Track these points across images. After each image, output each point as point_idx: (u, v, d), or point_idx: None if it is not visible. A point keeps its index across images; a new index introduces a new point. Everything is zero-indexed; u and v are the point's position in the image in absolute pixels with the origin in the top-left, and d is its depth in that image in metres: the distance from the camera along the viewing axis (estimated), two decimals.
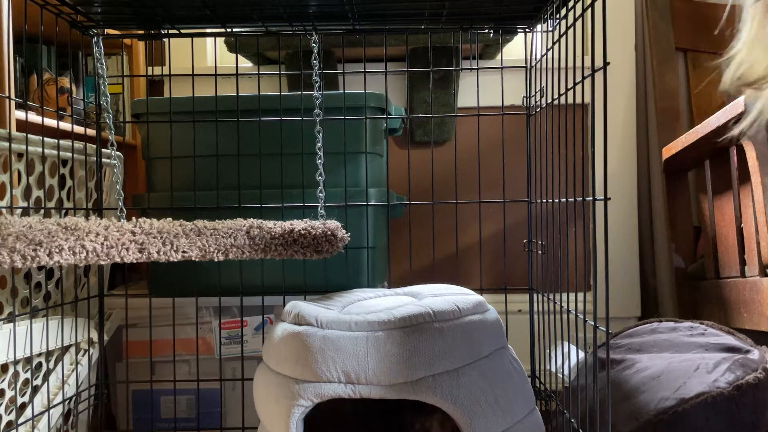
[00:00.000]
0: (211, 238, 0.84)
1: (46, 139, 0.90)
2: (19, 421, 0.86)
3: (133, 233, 0.80)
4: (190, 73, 1.03)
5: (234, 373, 1.06)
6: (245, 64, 1.58)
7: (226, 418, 1.06)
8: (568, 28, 0.85)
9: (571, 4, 0.86)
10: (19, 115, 1.02)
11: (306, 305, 0.80)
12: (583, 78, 0.77)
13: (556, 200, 0.91)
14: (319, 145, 0.96)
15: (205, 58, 1.62)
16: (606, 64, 0.68)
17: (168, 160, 1.06)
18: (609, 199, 0.69)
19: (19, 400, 0.88)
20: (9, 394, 0.86)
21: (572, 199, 0.83)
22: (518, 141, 1.26)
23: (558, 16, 0.91)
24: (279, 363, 0.74)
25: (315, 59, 0.96)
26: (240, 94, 1.04)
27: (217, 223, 0.86)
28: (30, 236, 0.70)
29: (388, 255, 1.26)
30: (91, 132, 1.08)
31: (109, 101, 1.00)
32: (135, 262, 0.80)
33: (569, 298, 0.85)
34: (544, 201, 0.99)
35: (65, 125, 1.09)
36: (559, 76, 0.90)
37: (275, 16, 0.96)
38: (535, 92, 1.06)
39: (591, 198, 0.73)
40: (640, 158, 1.55)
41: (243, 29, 1.04)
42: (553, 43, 0.94)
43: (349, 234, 0.94)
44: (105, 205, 1.07)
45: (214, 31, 1.03)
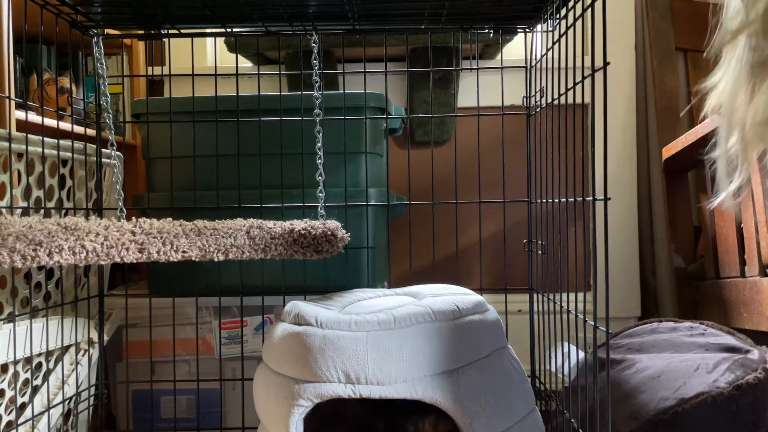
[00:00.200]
0: (211, 238, 0.84)
1: (46, 139, 0.90)
2: (19, 421, 0.86)
3: (133, 233, 0.80)
4: (190, 73, 1.03)
5: (234, 373, 1.06)
6: (245, 64, 1.58)
7: (226, 418, 1.06)
8: (568, 28, 0.85)
9: (571, 4, 0.86)
10: (19, 115, 1.02)
11: (306, 305, 0.80)
12: (583, 78, 0.77)
13: (556, 200, 0.91)
14: (319, 145, 0.96)
15: (205, 58, 1.62)
16: (606, 64, 0.68)
17: (168, 160, 1.06)
18: (609, 199, 0.69)
19: (19, 400, 0.88)
20: (9, 394, 0.86)
21: (572, 199, 0.83)
22: (518, 141, 1.26)
23: (558, 16, 0.91)
24: (279, 363, 0.74)
25: (315, 59, 0.96)
26: (240, 94, 1.04)
27: (217, 223, 0.86)
28: (30, 236, 0.70)
29: (388, 255, 1.26)
30: (91, 132, 1.08)
31: (109, 101, 1.00)
32: (135, 262, 0.80)
33: (569, 298, 0.85)
34: (544, 201, 0.99)
35: (65, 125, 1.09)
36: (559, 76, 0.90)
37: (275, 16, 0.96)
38: (535, 92, 1.06)
39: (591, 198, 0.73)
40: (640, 158, 1.55)
41: (243, 29, 1.04)
42: (553, 43, 0.94)
43: (349, 234, 0.94)
44: (105, 205, 1.07)
45: (214, 31, 1.03)
